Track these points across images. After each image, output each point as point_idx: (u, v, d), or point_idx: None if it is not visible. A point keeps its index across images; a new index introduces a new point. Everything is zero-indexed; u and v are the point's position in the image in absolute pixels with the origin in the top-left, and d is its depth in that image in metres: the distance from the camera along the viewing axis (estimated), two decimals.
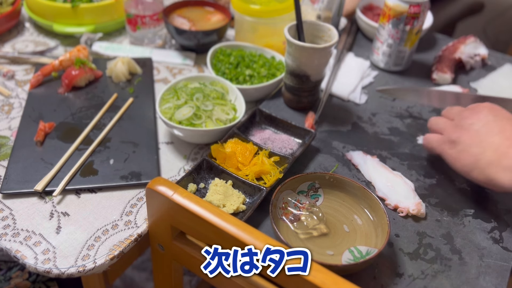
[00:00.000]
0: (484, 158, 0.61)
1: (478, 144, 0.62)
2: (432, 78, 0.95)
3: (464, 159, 0.63)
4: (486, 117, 0.63)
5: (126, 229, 0.64)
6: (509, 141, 0.60)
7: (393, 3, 0.87)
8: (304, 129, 0.76)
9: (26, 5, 1.04)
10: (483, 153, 0.61)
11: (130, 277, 1.23)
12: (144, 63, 0.94)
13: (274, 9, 0.90)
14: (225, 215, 0.52)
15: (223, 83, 0.83)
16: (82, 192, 0.68)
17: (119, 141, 0.76)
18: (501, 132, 0.61)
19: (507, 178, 0.59)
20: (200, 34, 0.94)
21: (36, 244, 0.61)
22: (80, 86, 0.87)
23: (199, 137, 0.75)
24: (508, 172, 0.59)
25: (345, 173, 0.73)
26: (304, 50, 0.75)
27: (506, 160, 0.59)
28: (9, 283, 0.87)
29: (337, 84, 0.91)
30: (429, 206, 0.68)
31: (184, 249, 0.59)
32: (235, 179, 0.68)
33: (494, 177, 0.60)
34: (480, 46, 1.02)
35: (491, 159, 0.60)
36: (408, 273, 0.59)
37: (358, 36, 1.08)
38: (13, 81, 0.88)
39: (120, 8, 1.02)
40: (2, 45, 0.98)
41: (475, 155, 0.62)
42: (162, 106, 0.77)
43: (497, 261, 0.61)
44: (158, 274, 0.69)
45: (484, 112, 0.64)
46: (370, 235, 0.61)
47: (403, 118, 0.85)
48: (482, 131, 0.62)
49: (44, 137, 0.75)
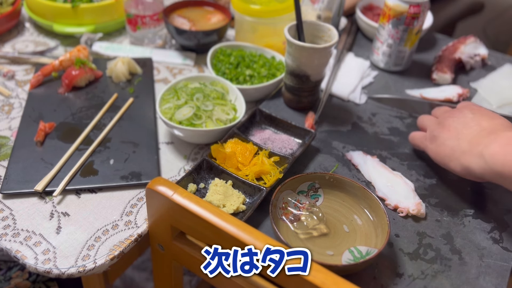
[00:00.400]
0: (459, 148, 0.64)
1: (455, 136, 0.65)
2: (432, 78, 0.95)
3: (443, 151, 0.67)
4: (466, 115, 0.67)
5: (126, 229, 0.64)
6: (483, 132, 0.63)
7: (393, 3, 0.87)
8: (304, 129, 0.76)
9: (26, 5, 1.04)
10: (459, 145, 0.64)
11: (130, 277, 1.23)
12: (144, 63, 0.94)
13: (274, 9, 0.90)
14: (225, 215, 0.52)
15: (223, 83, 0.83)
16: (82, 192, 0.68)
17: (119, 141, 0.76)
18: (476, 125, 0.64)
19: (478, 164, 0.61)
20: (200, 34, 0.94)
21: (36, 244, 0.61)
22: (80, 86, 0.87)
23: (199, 137, 0.75)
24: (479, 158, 0.61)
25: (345, 173, 0.73)
26: (304, 50, 0.75)
27: (478, 147, 0.62)
28: (9, 283, 0.87)
29: (337, 84, 0.91)
30: (429, 206, 0.68)
31: (184, 249, 0.59)
32: (235, 179, 0.68)
33: (468, 165, 0.63)
34: (480, 46, 1.02)
35: (465, 149, 0.63)
36: (408, 273, 0.59)
37: (358, 36, 1.08)
38: (13, 81, 0.89)
39: (120, 8, 1.02)
40: (2, 45, 0.98)
41: (452, 146, 0.65)
42: (162, 106, 0.77)
43: (497, 261, 0.61)
44: (158, 274, 0.69)
45: (464, 111, 0.68)
46: (370, 235, 0.62)
47: (403, 118, 0.85)
48: (460, 127, 0.66)
49: (44, 137, 0.75)
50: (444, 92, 0.91)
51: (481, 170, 0.61)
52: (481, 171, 0.61)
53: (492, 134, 0.62)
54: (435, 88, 0.93)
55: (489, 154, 0.59)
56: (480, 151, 0.61)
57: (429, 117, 0.75)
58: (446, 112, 0.71)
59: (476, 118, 0.65)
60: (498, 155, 0.58)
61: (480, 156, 0.61)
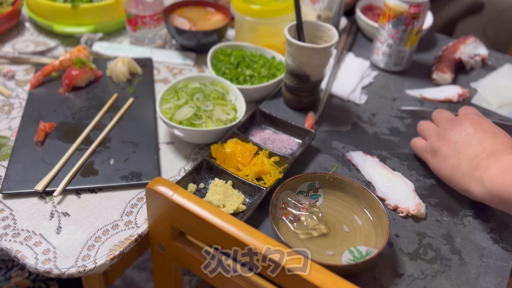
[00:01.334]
0: (459, 169, 0.64)
1: (455, 155, 0.65)
2: (432, 78, 0.95)
3: (444, 169, 0.67)
4: (466, 129, 0.66)
5: (126, 229, 0.64)
6: (484, 153, 0.62)
7: (393, 3, 0.87)
8: (304, 129, 0.76)
9: (26, 5, 1.04)
10: (459, 165, 0.64)
11: (130, 277, 1.23)
12: (144, 63, 0.94)
13: (274, 9, 0.90)
14: (225, 215, 0.52)
15: (224, 83, 0.83)
16: (83, 192, 0.68)
17: (119, 141, 0.76)
18: (478, 144, 0.63)
19: (478, 189, 0.61)
20: (200, 34, 0.94)
21: (37, 244, 0.61)
22: (80, 86, 0.87)
23: (199, 137, 0.75)
24: (478, 183, 0.61)
25: (345, 173, 0.73)
26: (304, 50, 0.75)
27: (477, 172, 0.61)
28: (9, 282, 0.87)
29: (337, 84, 0.91)
30: (429, 206, 0.68)
31: (184, 249, 0.59)
32: (235, 179, 0.68)
33: (467, 188, 0.63)
34: (480, 46, 1.02)
35: (465, 171, 0.63)
36: (408, 273, 0.59)
37: (358, 36, 1.08)
38: (13, 81, 0.89)
39: (120, 8, 1.02)
40: (2, 45, 0.98)
41: (452, 166, 0.65)
42: (162, 106, 0.77)
43: (497, 261, 0.61)
44: (158, 274, 0.69)
45: (466, 124, 0.66)
46: (370, 235, 0.62)
47: (403, 118, 0.85)
48: (460, 143, 0.65)
49: (44, 137, 0.75)
50: (444, 92, 0.91)
51: (481, 195, 0.61)
52: (481, 196, 0.61)
53: (492, 157, 0.61)
54: (435, 88, 0.93)
55: (488, 180, 0.59)
56: (480, 175, 0.61)
57: (429, 125, 0.74)
58: (447, 122, 0.69)
59: (478, 135, 0.64)
60: (497, 181, 0.58)
61: (479, 181, 0.61)
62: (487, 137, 0.64)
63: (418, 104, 0.88)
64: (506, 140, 0.64)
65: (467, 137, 0.65)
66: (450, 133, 0.67)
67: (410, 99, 0.89)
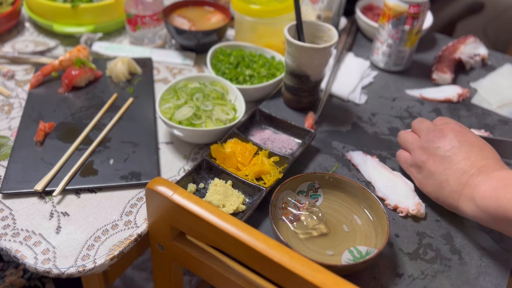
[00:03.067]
0: (447, 186, 0.62)
1: (442, 172, 0.63)
2: (432, 78, 0.95)
3: (430, 186, 0.65)
4: (451, 142, 0.63)
5: (126, 229, 0.64)
6: (472, 169, 0.60)
7: (393, 3, 0.87)
8: (304, 129, 0.76)
9: (26, 5, 1.04)
10: (447, 181, 0.62)
11: (130, 277, 1.23)
12: (144, 63, 0.94)
13: (274, 9, 0.90)
14: (225, 215, 0.52)
15: (223, 83, 0.83)
16: (82, 192, 0.68)
17: (119, 141, 0.76)
18: (465, 159, 0.61)
19: (469, 207, 0.59)
20: (200, 34, 0.94)
21: (36, 244, 0.61)
22: (80, 86, 0.87)
23: (199, 137, 0.75)
24: (469, 202, 0.59)
25: (345, 173, 0.73)
26: (304, 50, 0.75)
27: (467, 189, 0.59)
28: (3, 281, 0.87)
29: (337, 84, 0.91)
30: (429, 206, 0.68)
31: (184, 249, 0.59)
32: (234, 179, 0.68)
33: (457, 206, 0.61)
34: (480, 46, 1.02)
35: (454, 188, 0.61)
36: (408, 273, 0.59)
37: (358, 36, 1.08)
38: (13, 81, 0.89)
39: (120, 8, 1.02)
40: (2, 45, 0.98)
41: (440, 182, 0.63)
42: (162, 106, 0.77)
43: (497, 261, 0.61)
44: (158, 274, 0.69)
45: (449, 136, 0.64)
46: (370, 235, 0.61)
47: (403, 118, 0.85)
48: (446, 157, 0.63)
49: (44, 137, 0.75)
50: (444, 92, 0.91)
51: (472, 213, 0.59)
52: (472, 214, 0.59)
53: (482, 172, 0.59)
54: (435, 88, 0.93)
55: (480, 198, 0.57)
56: (471, 193, 0.59)
57: (411, 136, 0.70)
58: (429, 133, 0.66)
59: (464, 148, 0.62)
60: (490, 199, 0.56)
61: (471, 199, 0.59)
62: (474, 150, 0.62)
63: (418, 104, 0.88)
64: (492, 153, 0.62)
65: (453, 151, 0.62)
66: (434, 146, 0.64)
67: (410, 99, 0.89)
